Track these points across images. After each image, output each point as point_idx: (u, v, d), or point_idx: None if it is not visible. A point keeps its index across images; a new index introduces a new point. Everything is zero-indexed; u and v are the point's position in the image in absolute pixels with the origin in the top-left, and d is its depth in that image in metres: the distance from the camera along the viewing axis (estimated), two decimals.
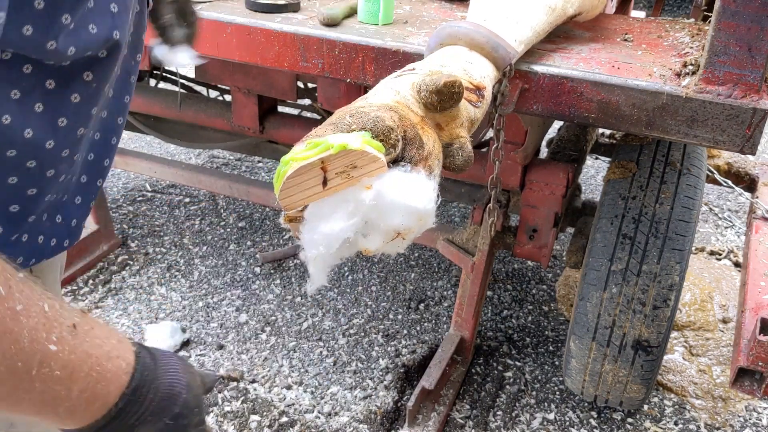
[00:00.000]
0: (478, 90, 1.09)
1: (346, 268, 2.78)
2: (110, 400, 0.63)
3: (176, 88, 2.58)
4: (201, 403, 0.74)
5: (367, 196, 0.77)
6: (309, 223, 0.79)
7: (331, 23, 1.55)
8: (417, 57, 1.42)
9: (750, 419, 2.16)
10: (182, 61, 1.19)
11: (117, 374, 0.64)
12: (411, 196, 0.79)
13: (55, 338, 0.58)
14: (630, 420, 2.13)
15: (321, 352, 2.35)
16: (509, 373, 2.30)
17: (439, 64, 1.10)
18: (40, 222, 0.84)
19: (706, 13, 1.70)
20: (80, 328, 0.61)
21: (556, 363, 2.35)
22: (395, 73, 1.05)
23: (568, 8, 1.47)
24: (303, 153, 0.77)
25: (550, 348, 2.43)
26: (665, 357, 2.32)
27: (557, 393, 2.23)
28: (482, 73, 1.15)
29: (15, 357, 0.54)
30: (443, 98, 0.92)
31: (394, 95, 0.93)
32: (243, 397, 2.13)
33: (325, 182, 0.77)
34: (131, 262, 2.77)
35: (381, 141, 0.81)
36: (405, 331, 2.46)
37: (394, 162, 0.83)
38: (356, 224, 0.78)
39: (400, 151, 0.84)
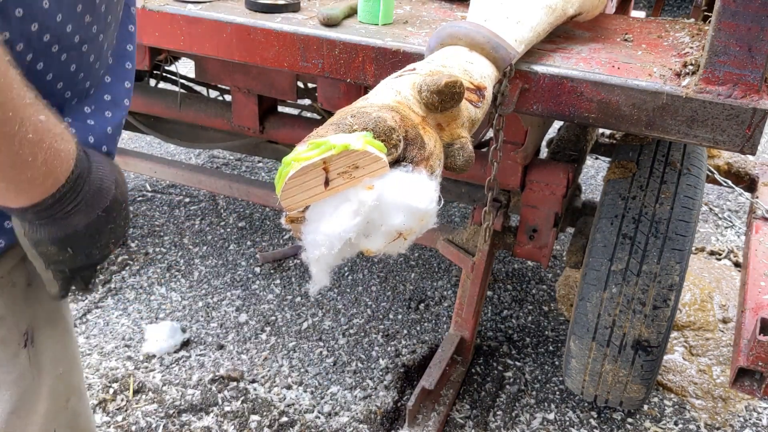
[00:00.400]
0: (478, 90, 1.09)
1: (346, 268, 2.78)
2: (60, 179, 0.70)
3: (176, 88, 2.58)
4: (127, 199, 0.83)
5: (369, 197, 0.77)
6: (311, 223, 0.79)
7: (331, 23, 1.55)
8: (417, 57, 1.42)
9: (750, 419, 2.16)
10: None
11: (68, 156, 0.70)
12: (413, 196, 0.79)
13: (28, 100, 0.63)
14: (630, 420, 2.13)
15: (321, 352, 2.35)
16: (509, 373, 2.30)
17: (440, 64, 1.10)
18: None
19: (706, 13, 1.70)
20: (38, 101, 0.66)
21: (556, 363, 2.35)
22: (396, 74, 1.05)
23: (569, 8, 1.47)
24: (305, 153, 0.77)
25: (550, 348, 2.43)
26: (665, 357, 2.32)
27: (557, 393, 2.23)
28: (482, 73, 1.15)
29: (6, 106, 0.60)
30: (444, 98, 0.92)
31: (395, 95, 0.93)
32: (243, 397, 2.13)
33: (326, 183, 0.77)
34: (131, 262, 2.77)
35: (383, 141, 0.81)
36: (405, 331, 2.46)
37: (396, 162, 0.83)
38: (358, 224, 0.78)
39: (402, 151, 0.84)
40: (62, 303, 1.00)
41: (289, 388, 2.19)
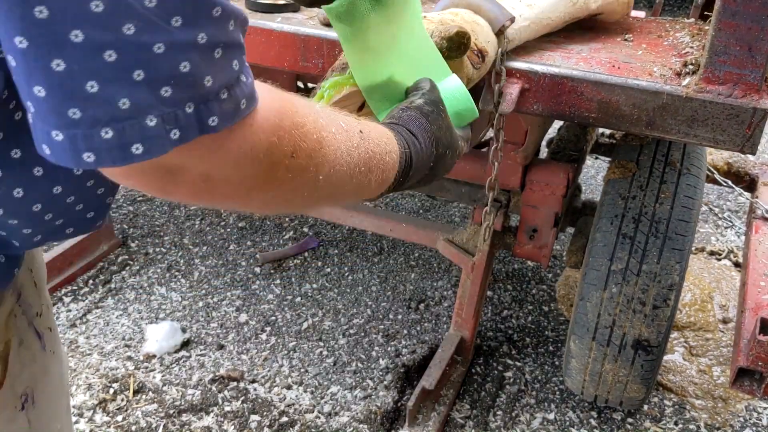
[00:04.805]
0: (480, 53, 1.17)
1: (346, 268, 2.78)
2: (390, 180, 0.87)
3: None
4: (445, 137, 0.97)
5: None
6: None
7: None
8: None
9: (750, 419, 2.16)
10: None
11: (393, 165, 0.86)
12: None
13: (355, 144, 0.76)
14: (630, 420, 2.13)
15: (321, 352, 2.35)
16: (509, 373, 2.30)
17: (450, 19, 1.18)
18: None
19: (706, 13, 1.70)
20: (365, 131, 0.79)
21: (556, 363, 2.35)
22: None
23: (591, 3, 1.49)
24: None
25: (550, 348, 2.43)
26: (665, 357, 2.32)
27: (557, 393, 2.23)
28: (487, 39, 1.22)
29: (354, 164, 0.75)
30: (452, 45, 1.00)
31: None
32: (243, 397, 2.13)
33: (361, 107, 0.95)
34: (131, 262, 2.77)
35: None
36: (405, 331, 2.46)
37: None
38: None
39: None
40: (54, 358, 0.93)
41: (289, 388, 2.19)
